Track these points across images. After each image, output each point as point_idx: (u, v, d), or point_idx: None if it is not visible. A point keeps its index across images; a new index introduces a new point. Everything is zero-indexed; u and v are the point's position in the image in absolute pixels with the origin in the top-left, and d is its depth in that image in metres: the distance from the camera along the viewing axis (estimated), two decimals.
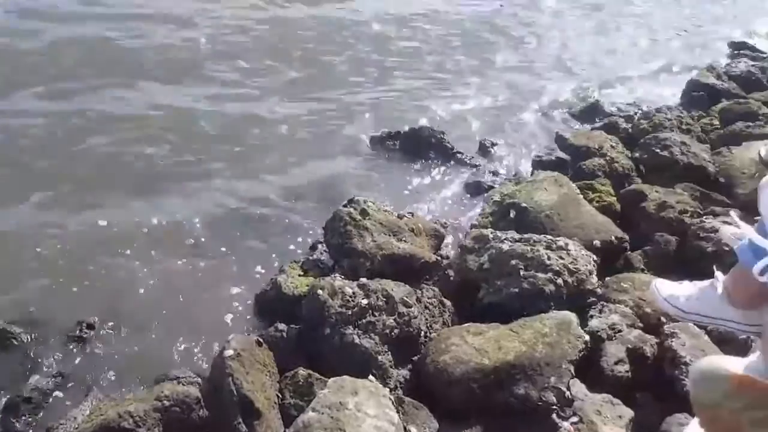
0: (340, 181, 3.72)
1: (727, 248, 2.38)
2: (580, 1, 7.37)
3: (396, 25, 5.98)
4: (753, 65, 5.40)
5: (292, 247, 3.16)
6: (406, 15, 6.23)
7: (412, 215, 3.15)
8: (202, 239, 3.14)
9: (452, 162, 4.04)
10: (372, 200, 3.09)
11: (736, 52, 6.31)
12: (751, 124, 3.99)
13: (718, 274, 1.67)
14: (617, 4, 7.50)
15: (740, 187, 3.35)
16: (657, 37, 6.76)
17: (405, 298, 2.44)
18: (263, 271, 2.96)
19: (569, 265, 2.59)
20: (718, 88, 4.81)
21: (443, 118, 4.57)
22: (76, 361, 2.43)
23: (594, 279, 2.61)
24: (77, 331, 2.52)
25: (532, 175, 3.71)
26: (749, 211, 2.95)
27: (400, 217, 3.06)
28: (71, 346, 2.48)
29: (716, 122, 4.31)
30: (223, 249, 3.08)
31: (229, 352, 2.05)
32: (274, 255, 3.07)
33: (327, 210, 3.17)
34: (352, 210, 2.95)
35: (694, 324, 2.07)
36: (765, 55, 6.00)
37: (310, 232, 3.24)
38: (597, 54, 6.06)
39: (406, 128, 4.24)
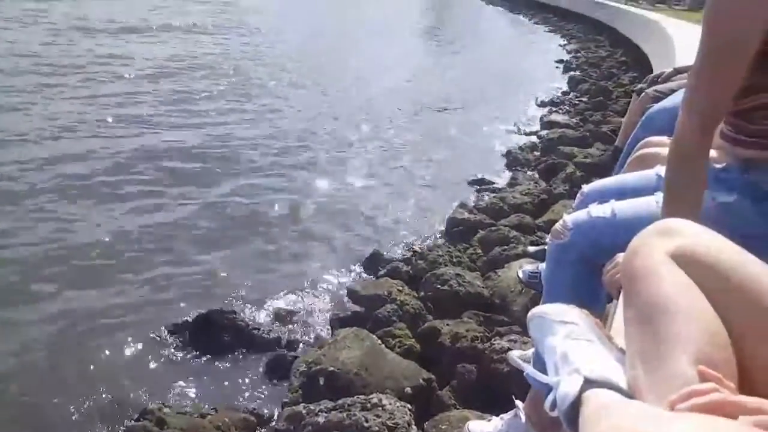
0: (127, 392, 3.28)
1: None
2: (351, 163, 8.05)
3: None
4: (494, 196, 6.29)
5: None
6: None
7: (216, 411, 2.89)
8: None
9: (250, 341, 3.86)
10: (168, 405, 2.79)
11: (477, 187, 7.32)
12: (506, 247, 4.55)
13: (517, 402, 1.76)
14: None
15: (514, 305, 3.73)
16: (409, 178, 7.53)
17: None
18: None
19: (388, 422, 2.55)
20: (473, 221, 5.46)
21: (232, 297, 4.44)
22: None
23: (414, 430, 2.60)
24: None
25: (332, 335, 3.70)
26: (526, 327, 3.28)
27: (203, 416, 2.79)
28: None
29: (479, 250, 4.84)
30: None
31: None
32: None
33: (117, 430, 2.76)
34: (146, 423, 2.64)
35: None
36: (499, 188, 7.06)
37: None
38: (364, 208, 6.54)
39: (192, 316, 4.01)
